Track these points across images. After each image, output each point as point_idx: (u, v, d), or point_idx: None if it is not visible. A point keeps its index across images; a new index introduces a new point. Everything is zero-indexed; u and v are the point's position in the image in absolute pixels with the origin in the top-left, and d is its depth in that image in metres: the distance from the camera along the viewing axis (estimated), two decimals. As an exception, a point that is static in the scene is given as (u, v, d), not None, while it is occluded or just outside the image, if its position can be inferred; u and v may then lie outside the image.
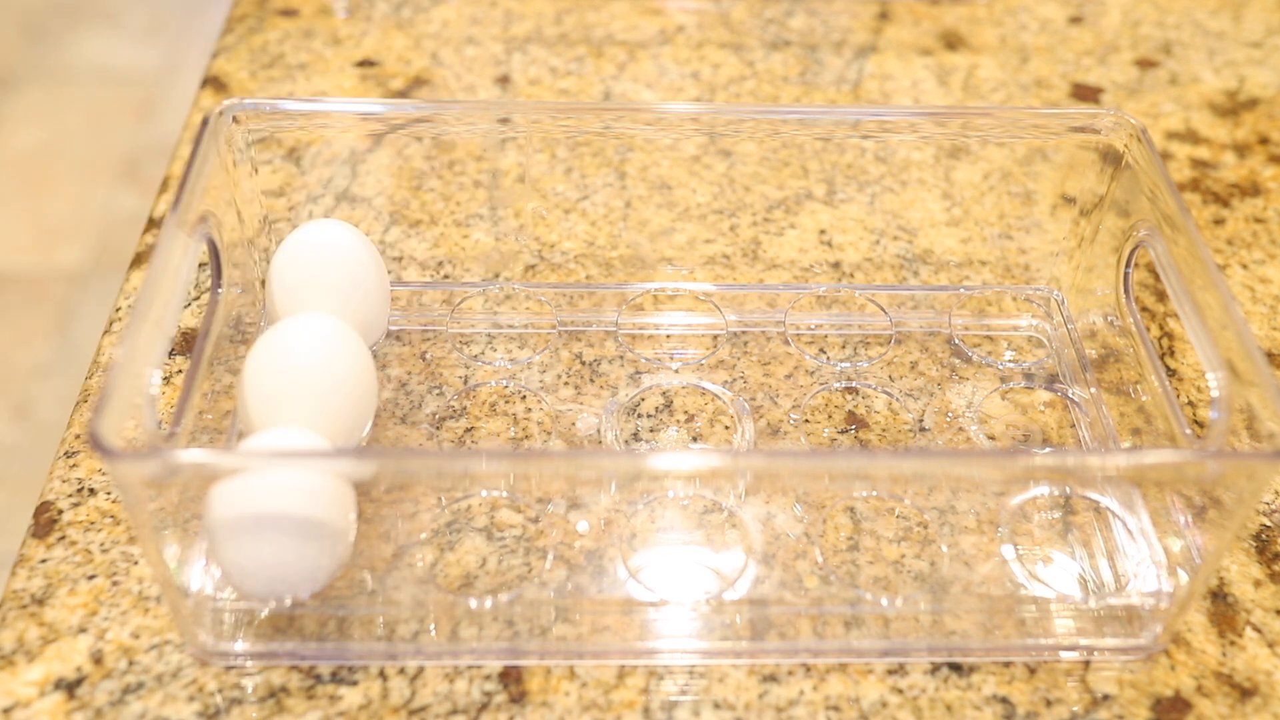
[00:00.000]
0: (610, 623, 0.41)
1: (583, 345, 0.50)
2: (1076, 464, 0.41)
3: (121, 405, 0.35)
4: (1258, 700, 0.40)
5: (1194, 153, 0.62)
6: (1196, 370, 0.51)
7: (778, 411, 0.48)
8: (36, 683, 0.39)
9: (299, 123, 0.48)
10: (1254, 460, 0.37)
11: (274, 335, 0.43)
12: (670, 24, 0.70)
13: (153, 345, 0.38)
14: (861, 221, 0.57)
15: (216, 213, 0.44)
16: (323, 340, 0.43)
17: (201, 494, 0.38)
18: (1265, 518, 0.45)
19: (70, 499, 0.44)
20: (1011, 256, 0.56)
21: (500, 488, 0.44)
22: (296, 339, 0.42)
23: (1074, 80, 0.67)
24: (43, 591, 0.41)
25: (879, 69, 0.67)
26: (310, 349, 0.42)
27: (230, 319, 0.46)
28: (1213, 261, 0.41)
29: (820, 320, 0.52)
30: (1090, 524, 0.44)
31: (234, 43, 0.67)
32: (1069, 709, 0.39)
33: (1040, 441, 0.48)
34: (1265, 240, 0.57)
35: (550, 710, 0.39)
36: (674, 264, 0.54)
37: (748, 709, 0.39)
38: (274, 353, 0.42)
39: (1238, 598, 0.43)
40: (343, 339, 0.43)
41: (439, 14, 0.70)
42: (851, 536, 0.44)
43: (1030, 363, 0.50)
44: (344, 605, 0.41)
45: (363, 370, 0.43)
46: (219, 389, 0.45)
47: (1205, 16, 0.72)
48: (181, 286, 0.40)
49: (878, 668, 0.40)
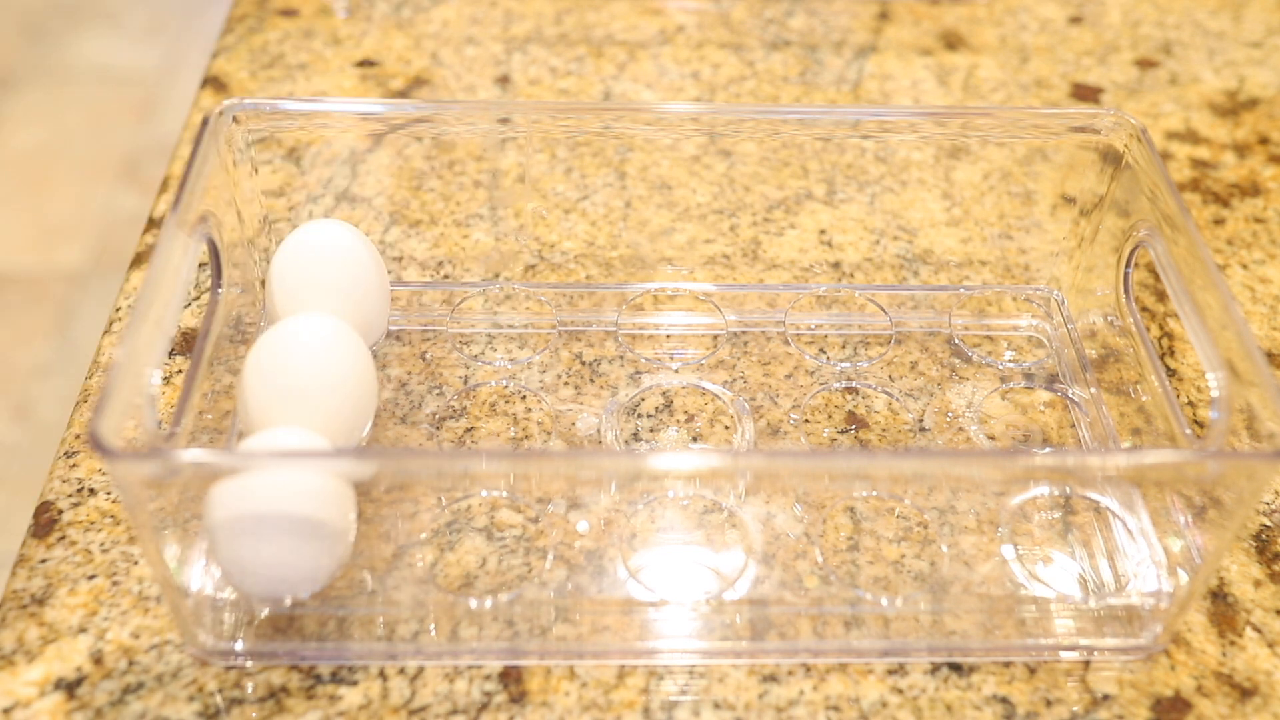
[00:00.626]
0: (610, 623, 0.41)
1: (583, 345, 0.50)
2: (1076, 464, 0.41)
3: (121, 405, 0.35)
4: (1258, 700, 0.40)
5: (1194, 153, 0.62)
6: (1196, 370, 0.51)
7: (778, 411, 0.48)
8: (36, 683, 0.39)
9: (299, 123, 0.48)
10: (1254, 460, 0.37)
11: (274, 335, 0.43)
12: (670, 24, 0.70)
13: (153, 345, 0.38)
14: (861, 221, 0.57)
15: (216, 213, 0.44)
16: (323, 340, 0.43)
17: (201, 494, 0.38)
18: (1265, 518, 0.45)
19: (70, 499, 0.44)
20: (1011, 256, 0.56)
21: (500, 488, 0.44)
22: (296, 339, 0.42)
23: (1074, 80, 0.67)
24: (43, 591, 0.41)
25: (879, 69, 0.67)
26: (310, 349, 0.42)
27: (230, 319, 0.46)
28: (1213, 261, 0.41)
29: (820, 320, 0.52)
30: (1090, 524, 0.44)
31: (234, 43, 0.67)
32: (1069, 709, 0.39)
33: (1040, 441, 0.47)
34: (1265, 240, 0.57)
35: (550, 710, 0.39)
36: (674, 264, 0.54)
37: (748, 709, 0.39)
38: (274, 353, 0.42)
39: (1238, 598, 0.43)
40: (343, 339, 0.43)
41: (439, 14, 0.70)
42: (851, 536, 0.44)
43: (1030, 363, 0.50)
44: (344, 605, 0.41)
45: (363, 370, 0.43)
46: (219, 389, 0.45)
47: (1205, 16, 0.72)
48: (181, 286, 0.40)
49: (878, 668, 0.40)
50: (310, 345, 0.42)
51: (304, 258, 0.46)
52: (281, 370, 0.42)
